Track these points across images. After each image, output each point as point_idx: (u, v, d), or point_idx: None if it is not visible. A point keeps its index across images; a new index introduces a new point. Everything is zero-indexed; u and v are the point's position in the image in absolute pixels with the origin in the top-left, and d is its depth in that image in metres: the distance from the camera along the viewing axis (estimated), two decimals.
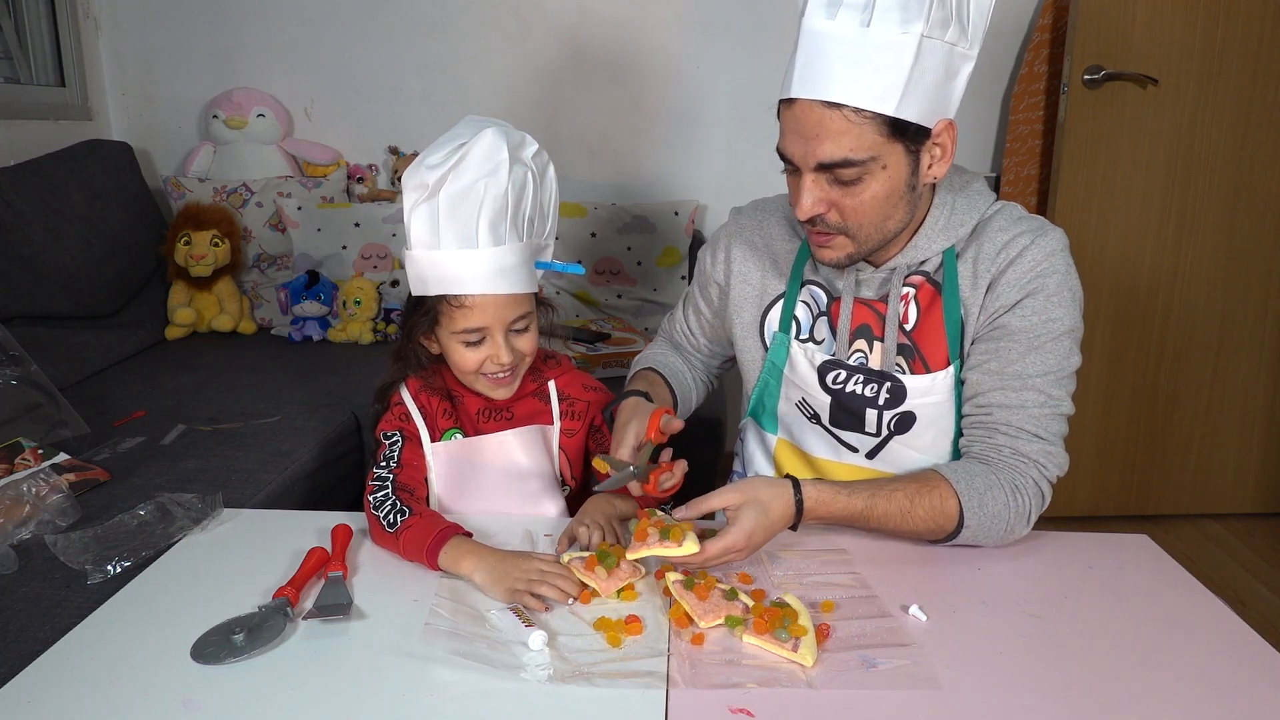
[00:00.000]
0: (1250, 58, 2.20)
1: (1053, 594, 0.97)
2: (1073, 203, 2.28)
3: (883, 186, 0.98)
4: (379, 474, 1.12)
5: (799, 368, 1.15)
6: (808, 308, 1.16)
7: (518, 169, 1.07)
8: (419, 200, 1.05)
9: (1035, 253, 1.03)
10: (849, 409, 1.13)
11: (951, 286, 1.07)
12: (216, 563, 1.04)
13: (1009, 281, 1.04)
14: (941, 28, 0.92)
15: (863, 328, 1.12)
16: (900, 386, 1.09)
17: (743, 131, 2.56)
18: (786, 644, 0.84)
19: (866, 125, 0.94)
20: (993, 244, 1.06)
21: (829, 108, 0.94)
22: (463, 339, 1.11)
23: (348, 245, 2.43)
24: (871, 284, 1.11)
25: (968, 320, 1.07)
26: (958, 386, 1.09)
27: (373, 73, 2.60)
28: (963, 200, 1.08)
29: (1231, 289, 2.36)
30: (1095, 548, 1.07)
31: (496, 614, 0.90)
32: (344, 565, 0.99)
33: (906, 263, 1.09)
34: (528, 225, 1.12)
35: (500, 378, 1.14)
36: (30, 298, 2.03)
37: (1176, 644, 0.89)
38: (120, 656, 0.85)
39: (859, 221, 1.00)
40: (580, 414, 1.24)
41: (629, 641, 0.87)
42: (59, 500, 1.27)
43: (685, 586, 0.93)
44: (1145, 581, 1.01)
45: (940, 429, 1.12)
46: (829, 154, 0.95)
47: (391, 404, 1.20)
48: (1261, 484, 2.52)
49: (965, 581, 1.00)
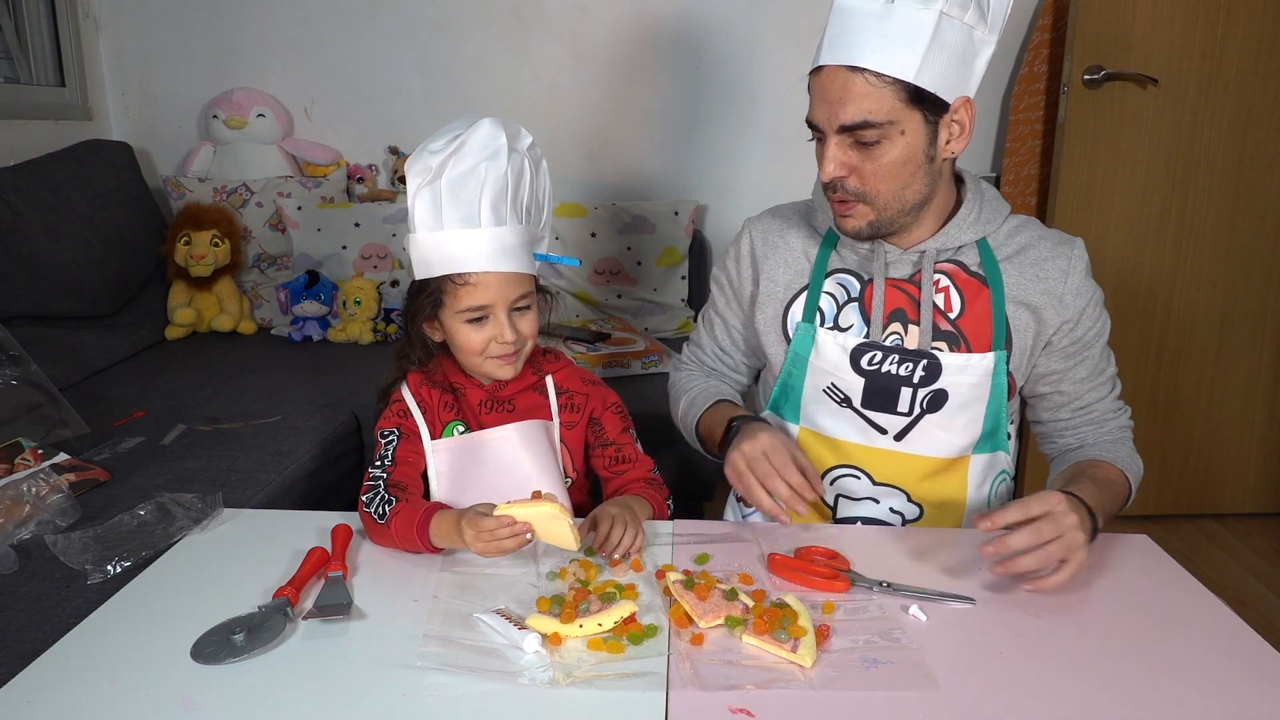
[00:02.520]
0: (1250, 58, 2.20)
1: (1053, 594, 0.96)
2: (1073, 203, 2.28)
3: (901, 153, 1.04)
4: (373, 474, 1.13)
5: (828, 353, 1.18)
6: (833, 298, 1.18)
7: (515, 156, 1.11)
8: (422, 184, 1.08)
9: (1080, 265, 1.14)
10: (882, 389, 1.16)
11: (997, 282, 1.13)
12: (216, 563, 1.04)
13: (1072, 292, 1.13)
14: (961, 8, 1.00)
15: (897, 312, 1.15)
16: (936, 363, 1.13)
17: (743, 131, 2.55)
18: (786, 644, 0.84)
19: (887, 90, 1.00)
20: (1038, 251, 1.14)
21: (852, 72, 1.00)
22: (466, 317, 1.12)
23: (348, 245, 2.43)
24: (901, 265, 1.15)
25: (1020, 321, 1.14)
26: (997, 375, 1.13)
27: (373, 73, 2.60)
28: (990, 197, 1.17)
29: (1231, 289, 2.36)
30: (1095, 548, 1.06)
31: (486, 619, 0.89)
32: (344, 565, 0.99)
33: (937, 247, 1.13)
34: (526, 212, 1.15)
35: (506, 355, 1.16)
36: (30, 298, 2.03)
37: (1177, 645, 0.88)
38: (120, 656, 0.85)
39: (877, 187, 1.06)
40: (579, 406, 1.25)
41: (629, 646, 0.86)
42: (59, 500, 1.28)
43: (685, 586, 0.93)
44: (1145, 582, 1.01)
45: (972, 413, 1.16)
46: (851, 115, 1.01)
47: (391, 401, 1.21)
48: (1261, 484, 2.52)
49: (963, 581, 0.99)
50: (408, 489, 1.12)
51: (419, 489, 1.16)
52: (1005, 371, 1.14)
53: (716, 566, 1.02)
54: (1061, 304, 1.13)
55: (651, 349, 2.12)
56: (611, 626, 0.88)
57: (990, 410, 1.16)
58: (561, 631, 0.87)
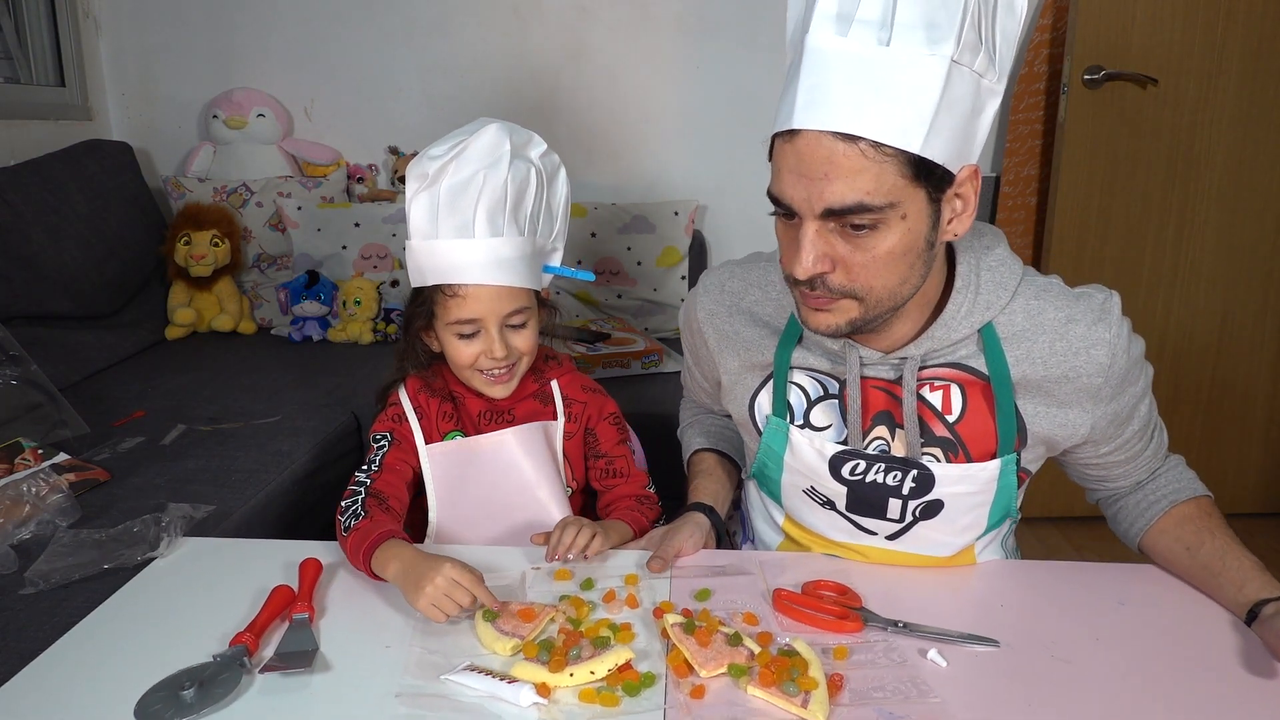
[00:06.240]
0: (1250, 58, 2.20)
1: (1082, 635, 0.89)
2: (1073, 203, 2.28)
3: (900, 241, 0.81)
4: (358, 479, 1.10)
5: (804, 456, 1.01)
6: (803, 393, 1.01)
7: (520, 164, 1.07)
8: (419, 189, 1.06)
9: (1118, 343, 0.92)
10: (869, 499, 1.00)
11: (1002, 375, 0.93)
12: (170, 603, 0.96)
13: (1112, 384, 0.94)
14: (972, 53, 0.78)
15: (882, 415, 0.97)
16: (929, 474, 0.96)
17: (743, 131, 2.55)
18: (796, 699, 0.77)
19: (887, 164, 0.77)
20: (1065, 342, 0.92)
21: (842, 140, 0.77)
22: (457, 330, 1.10)
23: (348, 245, 2.43)
24: (881, 367, 0.96)
25: (1037, 412, 0.95)
26: (1004, 477, 0.97)
27: (373, 73, 2.60)
28: (988, 278, 0.92)
29: (1231, 289, 2.36)
30: (1126, 581, 1.00)
31: (461, 680, 0.81)
32: (311, 606, 0.91)
33: (922, 354, 0.93)
34: (529, 222, 1.11)
35: (496, 375, 1.12)
36: (30, 298, 2.03)
37: (1221, 692, 0.82)
38: (53, 716, 0.76)
39: (869, 284, 0.83)
40: (576, 416, 1.23)
41: (624, 698, 0.80)
42: (59, 500, 1.27)
43: (685, 630, 0.86)
44: (1183, 620, 0.93)
45: (975, 515, 1.00)
46: (841, 197, 0.78)
47: (388, 404, 1.19)
48: (1261, 484, 2.52)
49: (986, 620, 0.91)
50: (387, 500, 1.09)
51: (402, 500, 1.12)
52: (1015, 471, 0.97)
53: (718, 604, 0.95)
54: (1096, 398, 0.94)
55: (651, 349, 2.12)
56: (605, 675, 0.81)
57: (997, 507, 1.00)
58: (550, 681, 0.80)
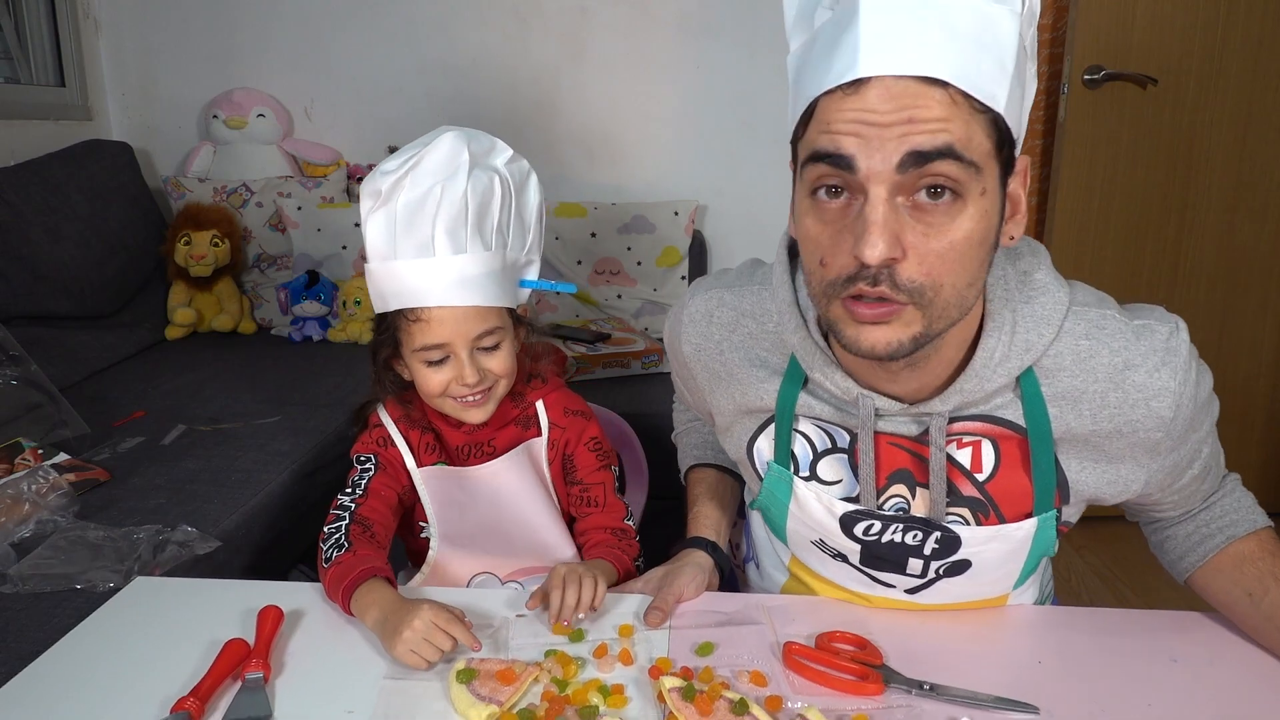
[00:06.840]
0: (1250, 58, 2.19)
1: (1131, 698, 0.79)
2: (1073, 203, 2.28)
3: (978, 225, 0.65)
4: (341, 502, 1.04)
5: (811, 510, 0.88)
6: (808, 443, 0.87)
7: (481, 174, 0.99)
8: (374, 208, 0.97)
9: (1184, 391, 0.77)
10: (886, 556, 0.88)
11: (1041, 426, 0.78)
12: (114, 655, 0.85)
13: (1174, 437, 0.79)
14: (1029, 22, 0.66)
15: (901, 473, 0.84)
16: (954, 537, 0.83)
17: (743, 131, 2.55)
18: None
19: (975, 121, 0.63)
20: (1121, 393, 0.77)
21: (926, 84, 0.61)
22: (423, 357, 1.00)
23: (348, 245, 2.43)
24: (900, 421, 0.82)
25: (1081, 468, 0.81)
26: (1041, 533, 0.83)
27: (373, 73, 2.60)
28: (1026, 312, 0.77)
29: (1231, 289, 2.36)
30: (1177, 634, 0.89)
31: None
32: (266, 664, 0.82)
33: (949, 409, 0.78)
34: (497, 235, 1.02)
35: (469, 400, 1.03)
36: (30, 298, 2.03)
37: None
38: None
39: (940, 279, 0.65)
40: (555, 441, 1.12)
41: None
42: (59, 499, 1.28)
43: (684, 696, 0.75)
44: (1245, 680, 0.83)
45: (1005, 571, 0.88)
46: (930, 137, 0.62)
47: (370, 425, 1.11)
48: (1261, 484, 2.50)
49: (1022, 681, 0.81)
50: (372, 527, 1.02)
51: (388, 528, 1.05)
52: (1054, 527, 0.83)
53: (722, 660, 0.84)
54: (1154, 452, 0.80)
55: (651, 349, 2.12)
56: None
57: (1032, 559, 0.86)
58: None
